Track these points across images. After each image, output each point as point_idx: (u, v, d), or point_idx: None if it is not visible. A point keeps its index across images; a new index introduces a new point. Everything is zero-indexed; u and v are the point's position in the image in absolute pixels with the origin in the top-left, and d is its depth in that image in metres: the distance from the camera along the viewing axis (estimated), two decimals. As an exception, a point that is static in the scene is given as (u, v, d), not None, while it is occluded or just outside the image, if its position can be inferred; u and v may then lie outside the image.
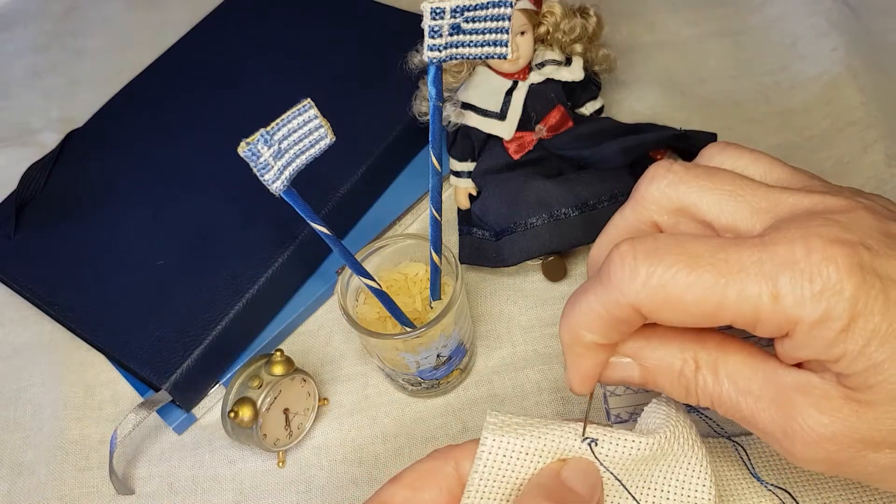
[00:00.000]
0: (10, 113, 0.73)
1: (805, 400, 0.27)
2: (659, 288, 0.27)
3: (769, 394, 0.28)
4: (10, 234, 0.57)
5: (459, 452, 0.31)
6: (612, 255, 0.28)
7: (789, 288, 0.25)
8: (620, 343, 0.31)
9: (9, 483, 0.49)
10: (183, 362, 0.47)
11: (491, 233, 0.51)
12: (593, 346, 0.30)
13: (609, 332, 0.29)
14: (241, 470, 0.47)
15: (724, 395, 0.29)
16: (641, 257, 0.27)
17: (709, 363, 0.29)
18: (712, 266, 0.26)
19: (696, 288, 0.26)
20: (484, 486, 0.30)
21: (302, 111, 0.34)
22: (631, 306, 0.28)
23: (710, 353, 0.29)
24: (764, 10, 0.65)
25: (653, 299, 0.27)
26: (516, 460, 0.30)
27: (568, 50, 0.52)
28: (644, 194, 0.31)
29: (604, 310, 0.28)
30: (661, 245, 0.27)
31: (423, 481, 0.31)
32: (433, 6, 0.35)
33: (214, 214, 0.54)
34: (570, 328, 0.30)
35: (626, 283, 0.27)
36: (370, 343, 0.44)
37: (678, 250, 0.27)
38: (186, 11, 0.73)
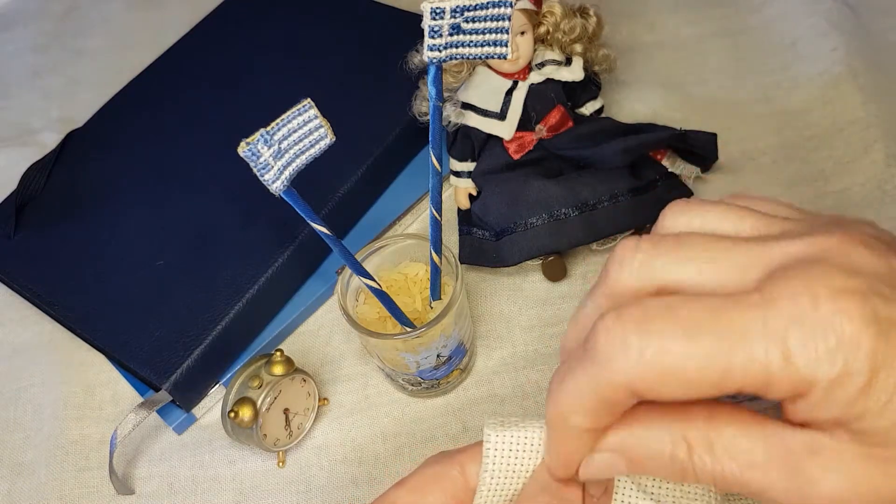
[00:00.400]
0: (10, 113, 0.73)
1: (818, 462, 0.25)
2: (656, 361, 0.24)
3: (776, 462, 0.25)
4: (10, 234, 0.57)
5: (464, 456, 0.31)
6: (597, 328, 0.25)
7: (801, 346, 0.23)
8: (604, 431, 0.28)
9: (9, 483, 0.49)
10: (183, 362, 0.47)
11: (491, 233, 0.51)
12: (580, 431, 0.27)
13: (599, 416, 0.27)
14: (241, 470, 0.47)
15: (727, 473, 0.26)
16: (631, 328, 0.25)
17: (702, 441, 0.26)
18: (712, 331, 0.24)
19: (698, 357, 0.24)
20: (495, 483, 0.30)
21: (302, 111, 0.34)
22: (624, 386, 0.25)
23: (700, 429, 0.26)
24: (764, 10, 0.65)
25: (649, 375, 0.24)
26: (523, 453, 0.30)
27: (568, 50, 0.52)
28: (617, 280, 0.28)
29: (593, 392, 0.26)
30: (650, 312, 0.25)
31: (428, 485, 0.30)
32: (433, 6, 0.35)
33: (214, 214, 0.54)
34: (556, 410, 0.27)
35: (618, 359, 0.25)
36: (370, 343, 0.44)
37: (671, 316, 0.25)
38: (186, 11, 0.73)
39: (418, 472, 0.31)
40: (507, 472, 0.30)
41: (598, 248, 0.51)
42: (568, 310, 0.50)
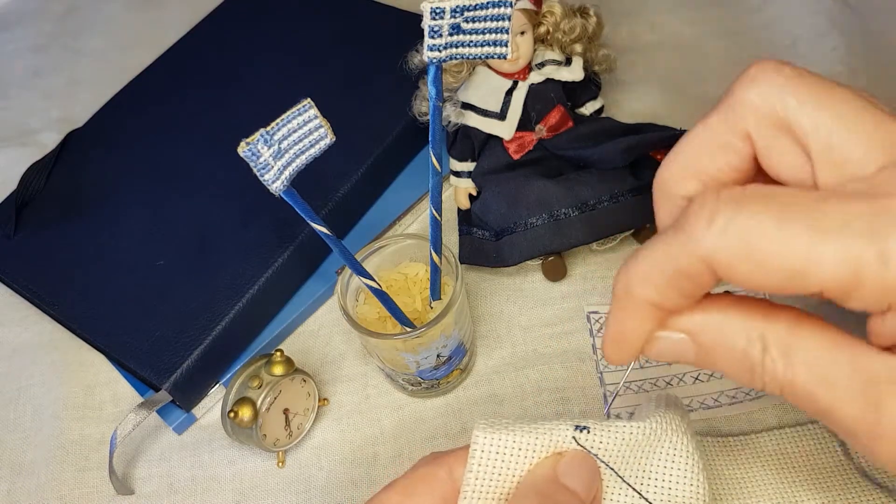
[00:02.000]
0: (10, 113, 0.73)
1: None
2: (739, 238, 0.22)
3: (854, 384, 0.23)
4: (10, 234, 0.57)
5: (453, 458, 0.31)
6: (693, 202, 0.24)
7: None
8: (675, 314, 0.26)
9: (9, 483, 0.49)
10: (183, 362, 0.47)
11: (491, 233, 0.51)
12: (644, 305, 0.25)
13: (667, 290, 0.25)
14: (241, 470, 0.47)
15: (797, 384, 0.24)
16: (724, 202, 0.23)
17: (780, 344, 0.24)
18: (808, 218, 0.22)
19: (784, 242, 0.22)
20: (480, 485, 0.30)
21: (302, 111, 0.34)
22: (702, 259, 0.23)
23: (781, 332, 0.24)
24: (764, 10, 0.65)
25: (730, 251, 0.22)
26: (510, 456, 0.30)
27: (568, 50, 0.52)
28: (742, 98, 0.26)
29: (670, 259, 0.24)
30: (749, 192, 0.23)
31: (416, 487, 0.30)
32: (433, 6, 0.35)
33: (214, 214, 0.54)
34: (625, 279, 0.25)
35: (702, 229, 0.23)
36: (370, 343, 0.44)
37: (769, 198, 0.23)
38: (186, 11, 0.73)
39: (408, 473, 0.31)
40: (493, 475, 0.30)
41: (598, 248, 0.51)
42: (568, 310, 0.50)
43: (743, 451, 0.40)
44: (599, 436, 0.30)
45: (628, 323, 0.26)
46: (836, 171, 0.24)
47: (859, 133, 0.23)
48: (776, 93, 0.25)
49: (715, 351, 0.26)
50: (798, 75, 0.25)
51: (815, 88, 0.24)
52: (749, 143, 0.26)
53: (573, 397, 0.46)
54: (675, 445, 0.31)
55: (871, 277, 0.21)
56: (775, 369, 0.24)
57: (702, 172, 0.27)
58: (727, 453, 0.40)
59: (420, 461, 0.32)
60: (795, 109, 0.24)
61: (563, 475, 0.30)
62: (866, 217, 0.22)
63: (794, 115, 0.24)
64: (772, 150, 0.25)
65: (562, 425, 0.31)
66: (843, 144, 0.24)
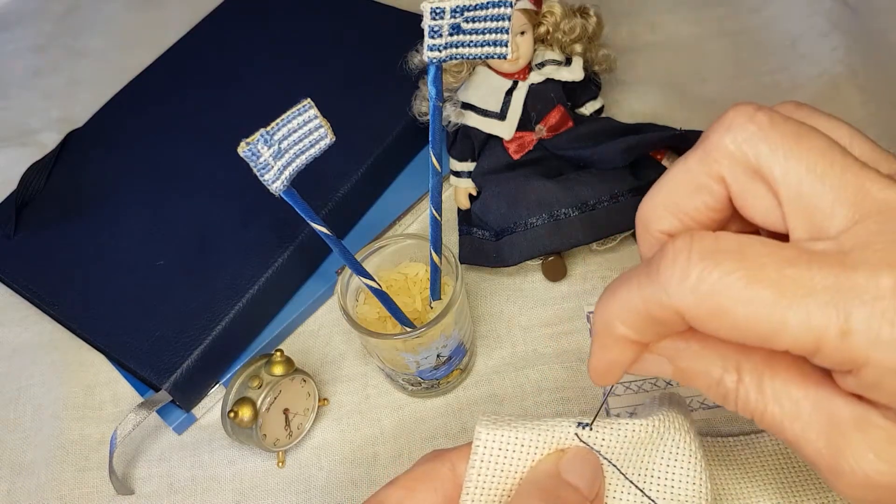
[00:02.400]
0: (10, 113, 0.73)
1: (862, 438, 0.24)
2: (710, 295, 0.23)
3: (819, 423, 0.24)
4: (10, 234, 0.57)
5: (455, 454, 0.31)
6: (666, 248, 0.25)
7: (864, 326, 0.22)
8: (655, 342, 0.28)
9: (9, 483, 0.49)
10: (183, 362, 0.47)
11: (491, 233, 0.51)
12: (624, 340, 0.27)
13: (644, 331, 0.26)
14: (241, 470, 0.47)
15: (767, 415, 0.25)
16: (697, 257, 0.24)
17: (753, 377, 0.26)
18: (776, 282, 0.23)
19: (753, 304, 0.23)
20: (482, 481, 0.30)
21: (302, 111, 0.34)
22: (674, 309, 0.24)
23: (755, 364, 0.26)
24: (764, 10, 0.65)
25: (700, 307, 0.24)
26: (512, 453, 0.30)
27: (568, 50, 0.52)
28: (717, 144, 0.26)
29: (643, 306, 0.25)
30: (721, 246, 0.24)
31: (418, 483, 0.30)
32: (433, 6, 0.35)
33: (214, 214, 0.54)
34: (603, 316, 0.27)
35: (675, 283, 0.24)
36: (370, 343, 0.44)
37: (740, 256, 0.24)
38: (186, 11, 0.73)
39: (410, 470, 0.31)
40: (496, 471, 0.30)
41: (598, 248, 0.51)
42: (568, 310, 0.50)
43: (743, 451, 0.40)
44: (602, 433, 0.30)
45: (610, 354, 0.28)
46: (806, 219, 0.25)
47: (828, 183, 0.24)
48: (749, 140, 0.25)
49: (692, 377, 0.27)
50: (771, 123, 0.25)
51: (787, 136, 0.25)
52: (724, 185, 0.27)
53: (573, 397, 0.46)
54: (678, 444, 0.31)
55: (831, 347, 0.23)
56: (748, 398, 0.26)
57: (680, 211, 0.28)
58: (727, 453, 0.40)
59: (422, 458, 0.32)
60: (767, 157, 0.25)
61: (566, 471, 0.30)
62: (830, 288, 0.22)
63: (766, 162, 0.25)
64: (745, 194, 0.26)
65: (564, 422, 0.31)
66: (812, 194, 0.24)
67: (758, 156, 0.25)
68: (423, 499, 0.30)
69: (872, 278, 0.22)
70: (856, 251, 0.23)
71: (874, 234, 0.23)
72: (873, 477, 0.23)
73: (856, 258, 0.23)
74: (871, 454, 0.23)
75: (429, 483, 0.30)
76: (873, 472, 0.23)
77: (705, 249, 0.24)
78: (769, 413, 0.25)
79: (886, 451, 0.23)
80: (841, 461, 0.24)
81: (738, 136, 0.26)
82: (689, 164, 0.27)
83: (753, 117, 0.26)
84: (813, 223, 0.25)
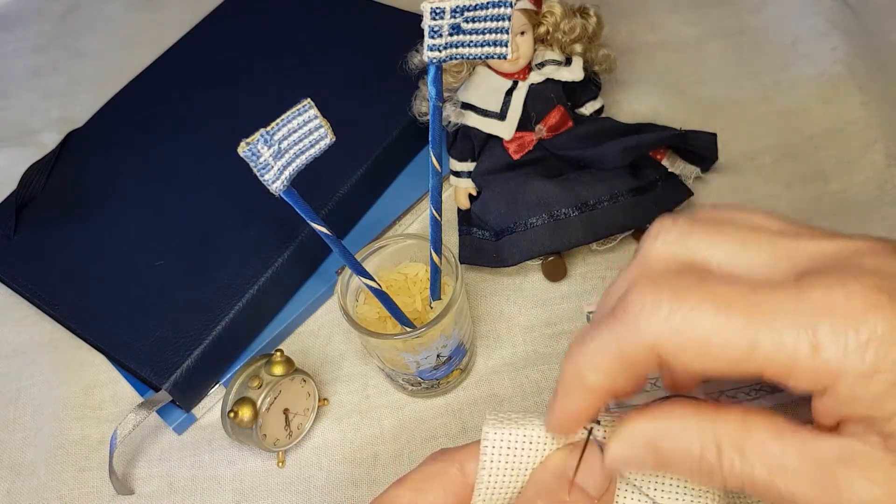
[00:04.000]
0: (10, 113, 0.73)
1: (850, 472, 0.24)
2: (682, 328, 0.24)
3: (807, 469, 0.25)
4: (10, 234, 0.57)
5: (464, 454, 0.31)
6: (631, 291, 0.26)
7: (831, 337, 0.23)
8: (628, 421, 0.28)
9: (9, 483, 0.49)
10: (183, 362, 0.47)
11: (491, 233, 0.51)
12: (593, 388, 0.27)
13: (617, 375, 0.27)
14: (241, 470, 0.47)
15: (756, 478, 0.25)
16: (665, 293, 0.25)
17: (732, 443, 0.26)
18: (743, 309, 0.24)
19: (725, 331, 0.24)
20: (494, 482, 0.30)
21: (302, 111, 0.34)
22: (649, 346, 0.25)
23: (732, 430, 0.26)
24: (764, 10, 0.65)
25: (674, 340, 0.24)
26: (521, 451, 0.30)
27: (568, 50, 0.52)
28: (649, 251, 0.28)
29: (616, 347, 0.26)
30: (685, 282, 0.25)
31: (427, 483, 0.30)
32: (433, 6, 0.35)
33: (214, 214, 0.54)
34: (573, 365, 0.27)
35: (646, 318, 0.25)
36: (370, 343, 0.44)
37: (705, 289, 0.25)
38: (186, 11, 0.73)
39: (418, 469, 0.31)
40: (506, 470, 0.30)
41: (598, 248, 0.51)
42: (568, 310, 0.50)
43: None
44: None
45: (574, 404, 0.28)
46: None
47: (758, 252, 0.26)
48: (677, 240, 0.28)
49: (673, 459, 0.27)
50: (691, 222, 0.28)
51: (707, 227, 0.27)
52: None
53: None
54: None
55: (804, 364, 0.23)
56: (732, 467, 0.26)
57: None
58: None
59: (429, 457, 0.32)
60: (696, 247, 0.27)
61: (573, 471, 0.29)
62: (794, 308, 0.24)
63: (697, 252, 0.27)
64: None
65: None
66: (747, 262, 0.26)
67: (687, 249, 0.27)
68: (433, 499, 0.30)
69: (828, 294, 0.23)
70: (808, 277, 0.24)
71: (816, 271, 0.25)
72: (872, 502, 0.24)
73: (809, 282, 0.24)
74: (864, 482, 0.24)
75: (438, 484, 0.30)
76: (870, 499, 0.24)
77: (671, 285, 0.25)
78: (757, 477, 0.25)
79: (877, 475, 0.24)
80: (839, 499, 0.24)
81: (667, 238, 0.28)
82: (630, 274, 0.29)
83: (675, 222, 0.28)
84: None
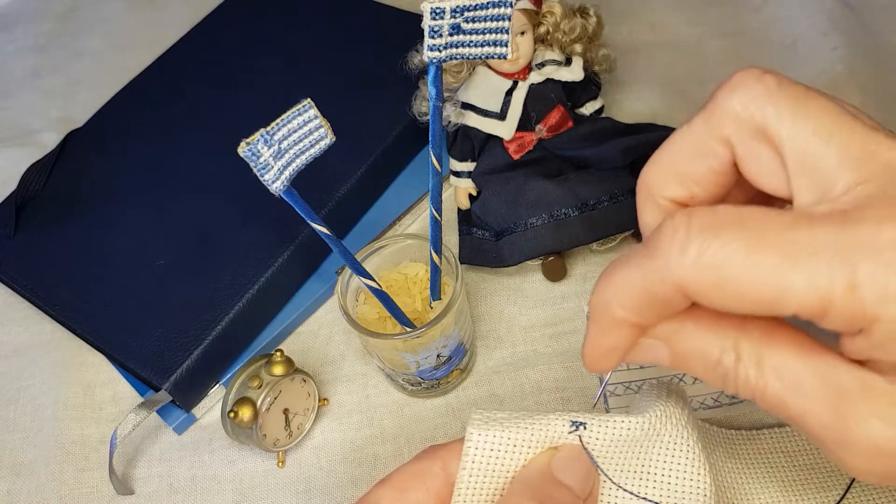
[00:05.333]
0: (10, 113, 0.73)
1: (867, 406, 0.23)
2: (711, 267, 0.23)
3: (824, 394, 0.24)
4: (10, 234, 0.57)
5: (447, 452, 0.31)
6: (664, 224, 0.24)
7: (871, 279, 0.21)
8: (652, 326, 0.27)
9: (9, 483, 0.49)
10: (183, 362, 0.47)
11: (491, 233, 0.51)
12: (622, 323, 0.26)
13: (644, 312, 0.26)
14: (241, 470, 0.47)
15: (768, 392, 0.25)
16: (696, 231, 0.23)
17: (752, 354, 0.25)
18: (778, 246, 0.22)
19: (756, 271, 0.22)
20: (473, 482, 0.30)
21: (302, 111, 0.34)
22: (675, 285, 0.24)
23: (753, 341, 0.25)
24: (764, 10, 0.65)
25: (702, 279, 0.23)
26: (504, 453, 0.30)
27: (568, 50, 0.52)
28: (723, 105, 0.26)
29: (643, 284, 0.25)
30: (720, 219, 0.23)
31: (410, 482, 0.30)
32: (433, 6, 0.35)
33: (214, 214, 0.54)
34: (601, 298, 0.26)
35: (675, 257, 0.23)
36: (370, 343, 0.44)
37: (740, 225, 0.23)
38: (186, 11, 0.73)
39: (402, 468, 0.31)
40: (487, 472, 0.30)
41: (598, 248, 0.51)
42: (568, 310, 0.50)
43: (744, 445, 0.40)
44: (596, 431, 0.30)
45: (607, 339, 0.27)
46: (810, 181, 0.24)
47: (834, 144, 0.24)
48: (755, 101, 0.25)
49: (690, 358, 0.27)
50: (778, 84, 0.25)
51: (794, 98, 0.25)
52: (729, 148, 0.27)
53: (573, 397, 0.46)
54: (674, 439, 0.31)
55: (840, 305, 0.22)
56: (748, 377, 0.25)
57: (683, 175, 0.28)
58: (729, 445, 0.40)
59: (417, 455, 0.31)
60: (773, 118, 0.25)
61: (558, 470, 0.29)
62: (834, 245, 0.22)
63: (772, 123, 0.25)
64: (750, 157, 0.26)
65: (557, 420, 0.30)
66: (817, 154, 0.24)
67: (764, 117, 0.25)
68: (416, 499, 0.30)
69: (876, 232, 0.22)
70: (858, 209, 0.23)
71: (877, 193, 0.23)
72: (881, 444, 0.23)
73: (858, 215, 0.22)
74: (878, 420, 0.23)
75: (420, 482, 0.30)
76: (881, 438, 0.23)
77: (704, 222, 0.24)
78: (770, 390, 0.25)
79: (890, 416, 0.23)
80: (847, 431, 0.23)
81: (745, 97, 0.25)
82: (694, 127, 0.27)
83: (761, 79, 0.25)
84: (817, 185, 0.24)
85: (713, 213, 0.24)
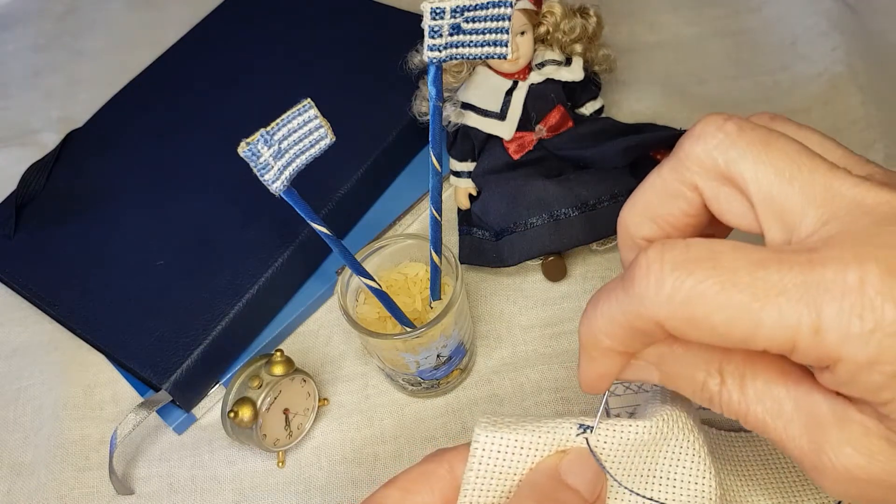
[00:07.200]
0: (10, 113, 0.73)
1: (841, 434, 0.24)
2: (685, 305, 0.24)
3: (801, 421, 0.25)
4: (10, 234, 0.57)
5: (454, 455, 0.31)
6: (639, 260, 0.25)
7: (835, 322, 0.22)
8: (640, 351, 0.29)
9: (9, 483, 0.49)
10: (183, 362, 0.47)
11: (491, 233, 0.51)
12: (610, 352, 0.28)
13: (628, 342, 0.27)
14: (241, 470, 0.47)
15: (750, 415, 0.26)
16: (669, 268, 0.24)
17: (735, 378, 0.26)
18: (749, 285, 0.23)
19: (727, 309, 0.23)
20: (480, 484, 0.30)
21: (302, 111, 0.34)
22: (653, 321, 0.25)
23: (736, 366, 0.27)
24: (764, 10, 0.65)
25: (677, 316, 0.24)
26: (511, 455, 0.30)
27: (568, 50, 0.52)
28: (688, 153, 0.27)
29: (624, 319, 0.26)
30: (692, 255, 0.24)
31: (416, 484, 0.30)
32: (433, 6, 0.35)
33: (214, 214, 0.54)
34: (588, 329, 0.28)
35: (650, 295, 0.25)
36: (370, 343, 0.44)
37: (712, 263, 0.24)
38: (186, 11, 0.73)
39: (409, 470, 0.31)
40: (494, 474, 0.30)
41: (598, 248, 0.51)
42: (568, 310, 0.50)
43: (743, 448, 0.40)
44: (604, 435, 0.30)
45: (598, 367, 0.29)
46: (778, 221, 0.25)
47: (797, 184, 0.25)
48: (718, 148, 0.26)
49: (678, 380, 0.28)
50: (739, 130, 0.26)
51: (755, 142, 0.26)
52: (697, 192, 0.28)
53: (573, 397, 0.46)
54: (681, 444, 0.31)
55: (806, 345, 0.23)
56: (731, 400, 0.27)
57: (658, 217, 0.29)
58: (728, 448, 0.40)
59: (424, 458, 0.32)
60: (736, 163, 0.26)
61: (566, 473, 0.30)
62: (802, 286, 0.23)
63: (735, 168, 0.26)
64: (719, 199, 0.27)
65: (565, 423, 0.30)
66: (782, 196, 0.25)
67: (727, 163, 0.26)
68: (421, 500, 0.30)
69: (840, 274, 0.22)
70: (824, 249, 0.23)
71: (842, 231, 0.24)
72: (854, 472, 0.24)
73: (824, 256, 0.23)
74: (850, 448, 0.24)
75: (426, 484, 0.30)
76: (853, 466, 0.24)
77: (677, 259, 0.24)
78: (752, 413, 0.26)
79: (864, 445, 0.24)
80: (822, 457, 0.24)
81: (708, 144, 0.27)
82: (663, 173, 0.28)
83: (722, 126, 0.26)
84: (785, 225, 0.25)
85: (686, 249, 0.25)
